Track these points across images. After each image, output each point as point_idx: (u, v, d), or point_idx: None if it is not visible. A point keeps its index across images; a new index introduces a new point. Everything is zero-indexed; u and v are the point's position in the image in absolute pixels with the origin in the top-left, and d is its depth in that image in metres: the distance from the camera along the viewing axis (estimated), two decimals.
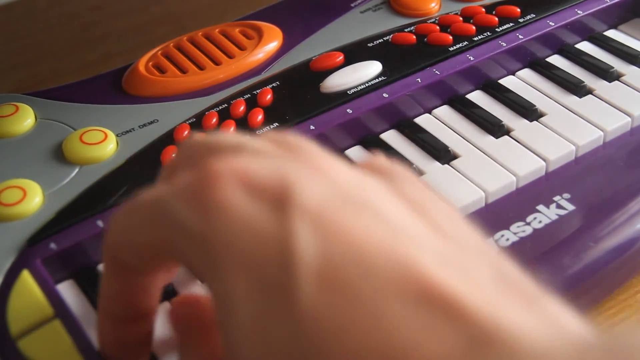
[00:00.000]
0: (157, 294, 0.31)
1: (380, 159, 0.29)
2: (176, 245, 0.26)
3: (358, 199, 0.25)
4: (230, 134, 0.29)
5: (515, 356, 0.20)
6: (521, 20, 0.51)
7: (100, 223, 0.39)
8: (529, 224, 0.39)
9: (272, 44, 0.51)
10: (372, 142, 0.45)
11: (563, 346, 0.21)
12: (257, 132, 0.43)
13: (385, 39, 0.50)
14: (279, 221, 0.24)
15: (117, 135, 0.44)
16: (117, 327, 0.31)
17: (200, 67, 0.49)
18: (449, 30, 0.50)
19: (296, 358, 0.22)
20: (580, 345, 0.21)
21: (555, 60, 0.51)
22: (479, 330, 0.21)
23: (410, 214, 0.25)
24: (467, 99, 0.48)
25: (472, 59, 0.48)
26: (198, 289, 0.37)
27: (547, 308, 0.23)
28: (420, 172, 0.43)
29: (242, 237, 0.24)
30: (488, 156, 0.43)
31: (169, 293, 0.37)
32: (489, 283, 0.23)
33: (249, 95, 0.46)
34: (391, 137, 0.46)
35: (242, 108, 0.45)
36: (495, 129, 0.45)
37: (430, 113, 0.47)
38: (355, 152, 0.45)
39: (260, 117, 0.44)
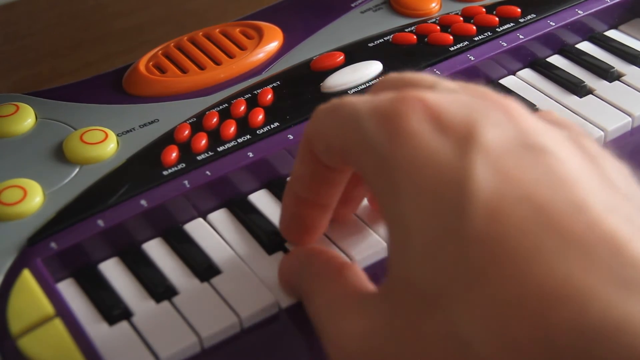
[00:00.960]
0: (339, 191, 0.35)
1: (555, 113, 0.31)
2: (361, 159, 0.28)
3: (539, 145, 0.26)
4: (426, 74, 0.32)
5: None
6: (522, 20, 0.51)
7: (100, 222, 0.39)
8: None
9: (272, 44, 0.51)
10: None
11: None
12: (257, 131, 0.44)
13: (385, 38, 0.50)
14: (461, 156, 0.26)
15: (117, 135, 0.44)
16: (296, 205, 0.35)
17: (201, 67, 0.49)
18: (449, 30, 0.50)
19: (462, 278, 0.24)
20: None
21: (556, 60, 0.51)
22: (634, 268, 0.23)
23: (586, 164, 0.27)
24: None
25: (472, 58, 0.48)
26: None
27: None
28: None
29: (424, 165, 0.26)
30: None
31: (169, 291, 0.37)
32: None
33: (249, 95, 0.46)
34: None
35: (242, 108, 0.45)
36: None
37: None
38: None
39: (260, 117, 0.44)
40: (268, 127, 0.44)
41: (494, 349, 0.23)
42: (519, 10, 0.51)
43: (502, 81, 0.49)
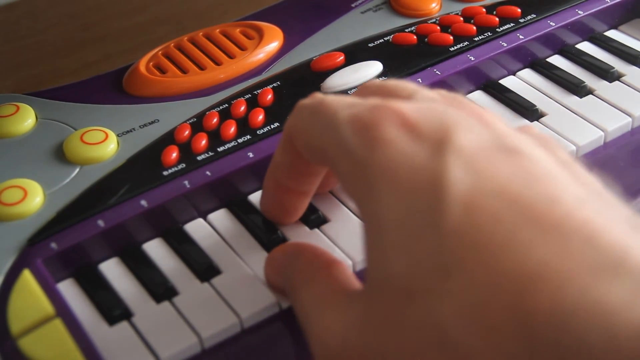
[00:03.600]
0: (318, 180, 0.36)
1: (533, 129, 0.31)
2: (338, 163, 0.30)
3: (513, 146, 0.27)
4: (407, 82, 0.33)
5: None
6: (522, 20, 0.51)
7: (100, 223, 0.39)
8: None
9: (272, 44, 0.51)
10: None
11: None
12: (257, 131, 0.44)
13: (385, 39, 0.50)
14: (436, 157, 0.27)
15: (117, 135, 0.44)
16: (276, 189, 0.37)
17: (201, 67, 0.49)
18: (449, 30, 0.50)
19: (439, 269, 0.25)
20: None
21: (556, 60, 0.51)
22: (610, 255, 0.24)
23: (558, 164, 0.28)
24: (468, 99, 0.48)
25: (472, 59, 0.48)
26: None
27: None
28: None
29: (399, 168, 0.27)
30: None
31: (169, 291, 0.37)
32: (623, 224, 0.25)
33: (249, 95, 0.46)
34: None
35: (242, 108, 0.45)
36: None
37: None
38: None
39: (261, 117, 0.44)
40: (268, 127, 0.44)
41: (471, 334, 0.24)
42: (519, 10, 0.51)
43: (502, 81, 0.49)
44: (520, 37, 0.50)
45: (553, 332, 0.23)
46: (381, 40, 0.50)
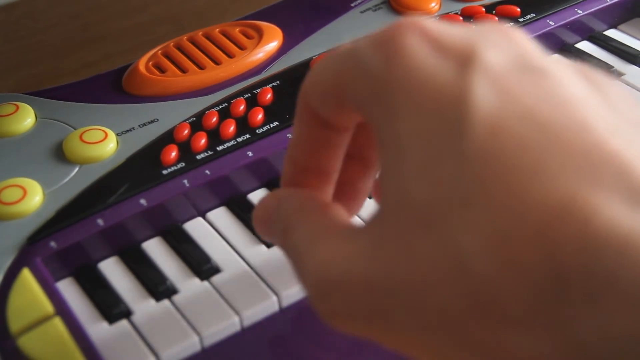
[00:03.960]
0: (338, 155, 0.32)
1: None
2: (357, 88, 0.27)
3: (541, 66, 0.26)
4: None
5: None
6: (521, 19, 0.51)
7: (100, 222, 0.39)
8: None
9: (272, 44, 0.51)
10: None
11: None
12: (256, 130, 0.44)
13: None
14: (460, 75, 0.25)
15: (117, 135, 0.44)
16: (296, 173, 0.33)
17: (201, 67, 0.49)
18: None
19: (460, 195, 0.24)
20: None
21: None
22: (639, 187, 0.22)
23: (589, 88, 0.26)
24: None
25: None
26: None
27: None
28: None
29: (422, 85, 0.25)
30: None
31: (169, 290, 0.37)
32: None
33: (249, 95, 0.46)
34: None
35: (242, 107, 0.45)
36: None
37: None
38: None
39: (260, 116, 0.44)
40: (267, 126, 0.44)
41: (493, 267, 0.23)
42: (518, 9, 0.51)
43: None
44: None
45: (582, 264, 0.21)
46: None
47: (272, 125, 0.44)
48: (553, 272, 0.22)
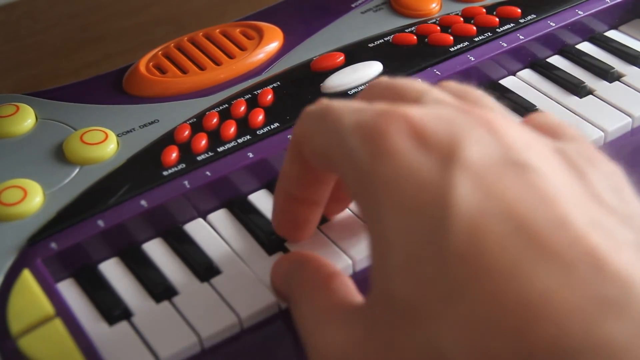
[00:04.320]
0: (328, 188, 0.35)
1: (549, 115, 0.31)
2: (345, 172, 0.29)
3: (522, 161, 0.26)
4: (416, 82, 0.32)
5: None
6: (522, 20, 0.51)
7: (100, 223, 0.39)
8: None
9: (272, 45, 0.51)
10: None
11: None
12: (257, 132, 0.43)
13: (386, 39, 0.50)
14: (442, 173, 0.26)
15: (117, 136, 0.44)
16: (287, 202, 0.35)
17: (201, 68, 0.49)
18: (449, 30, 0.50)
19: (441, 294, 0.24)
20: None
21: (556, 60, 0.51)
22: (616, 287, 0.23)
23: (571, 178, 0.27)
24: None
25: (472, 59, 0.48)
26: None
27: None
28: None
29: (405, 182, 0.26)
30: None
31: (169, 291, 0.37)
32: (632, 248, 0.24)
33: (249, 96, 0.46)
34: None
35: (242, 108, 0.45)
36: None
37: None
38: None
39: (260, 117, 0.44)
40: (268, 127, 0.44)
41: None
42: (519, 10, 0.51)
43: (502, 81, 0.49)
44: (521, 37, 0.50)
45: None
46: (381, 41, 0.50)
47: (272, 126, 0.44)
48: None
